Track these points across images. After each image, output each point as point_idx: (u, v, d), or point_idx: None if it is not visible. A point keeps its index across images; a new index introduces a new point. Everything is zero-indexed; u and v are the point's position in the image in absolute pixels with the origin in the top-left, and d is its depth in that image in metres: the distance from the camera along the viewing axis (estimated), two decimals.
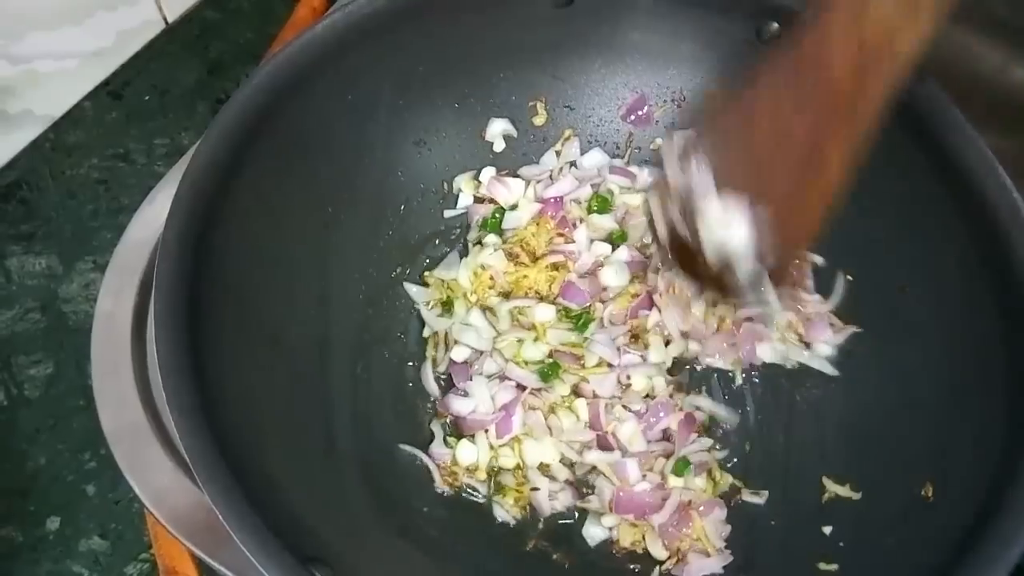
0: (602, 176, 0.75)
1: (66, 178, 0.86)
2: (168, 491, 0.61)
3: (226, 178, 0.57)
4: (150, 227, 0.70)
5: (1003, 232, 0.56)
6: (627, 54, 0.73)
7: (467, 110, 0.74)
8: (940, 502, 0.57)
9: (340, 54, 0.63)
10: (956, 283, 0.60)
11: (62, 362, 0.78)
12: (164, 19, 0.95)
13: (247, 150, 0.59)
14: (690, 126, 0.50)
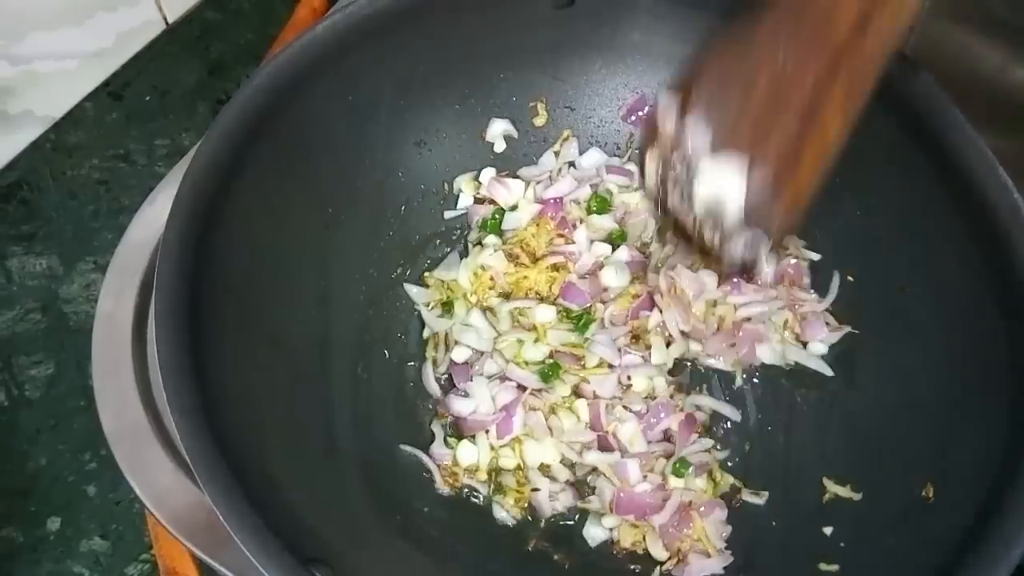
0: (600, 176, 0.75)
1: (67, 179, 0.86)
2: (169, 492, 0.62)
3: (227, 179, 0.58)
4: (151, 228, 0.70)
5: (1004, 232, 0.56)
6: (628, 55, 0.73)
7: (468, 111, 0.74)
8: (941, 502, 0.57)
9: (341, 55, 0.63)
10: (957, 283, 0.60)
11: (63, 362, 0.78)
12: (164, 19, 0.95)
13: (248, 151, 0.59)
14: (687, 80, 0.49)
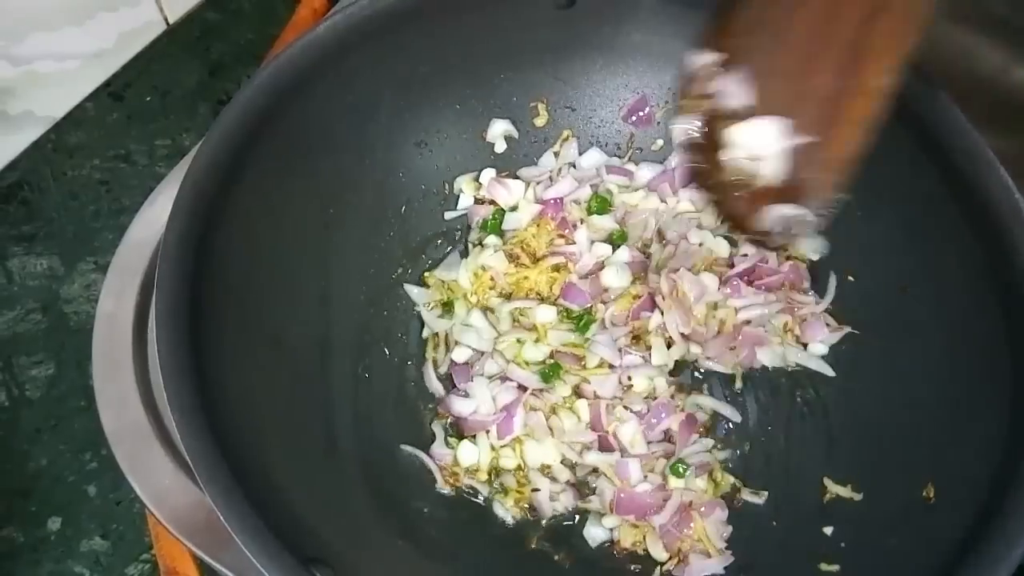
0: (601, 176, 0.75)
1: (67, 179, 0.87)
2: (169, 491, 0.62)
3: (227, 179, 0.58)
4: (151, 228, 0.70)
5: (1004, 232, 0.56)
6: (628, 55, 0.73)
7: (468, 111, 0.74)
8: (941, 503, 0.57)
9: (341, 55, 0.63)
10: (957, 283, 0.60)
11: (63, 363, 0.78)
12: (165, 20, 0.95)
13: (248, 151, 0.59)
14: (720, 34, 0.48)
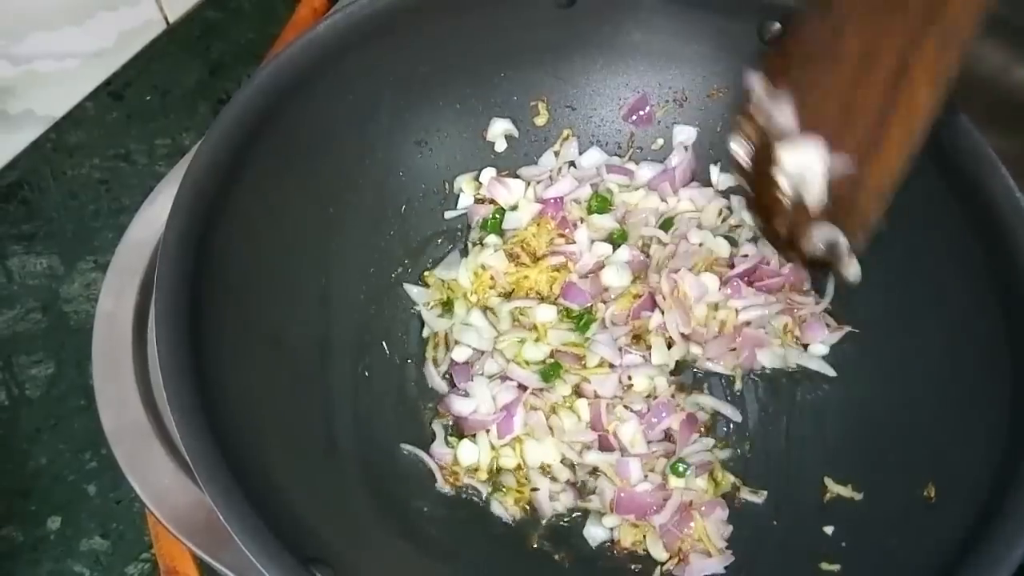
0: (601, 175, 0.75)
1: (67, 178, 0.86)
2: (169, 491, 0.62)
3: (227, 179, 0.57)
4: (151, 227, 0.70)
5: (1005, 232, 0.56)
6: (629, 54, 0.73)
7: (468, 110, 0.74)
8: (942, 502, 0.57)
9: (341, 54, 0.63)
10: (958, 283, 0.60)
11: (63, 362, 0.78)
12: (165, 19, 0.95)
13: (248, 151, 0.59)
14: (778, 54, 0.48)
